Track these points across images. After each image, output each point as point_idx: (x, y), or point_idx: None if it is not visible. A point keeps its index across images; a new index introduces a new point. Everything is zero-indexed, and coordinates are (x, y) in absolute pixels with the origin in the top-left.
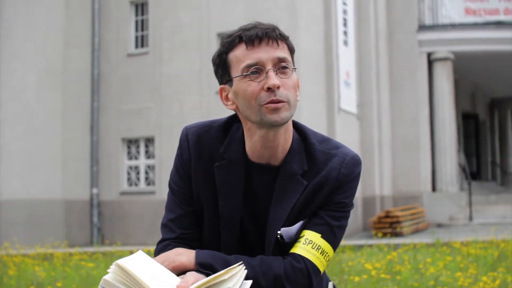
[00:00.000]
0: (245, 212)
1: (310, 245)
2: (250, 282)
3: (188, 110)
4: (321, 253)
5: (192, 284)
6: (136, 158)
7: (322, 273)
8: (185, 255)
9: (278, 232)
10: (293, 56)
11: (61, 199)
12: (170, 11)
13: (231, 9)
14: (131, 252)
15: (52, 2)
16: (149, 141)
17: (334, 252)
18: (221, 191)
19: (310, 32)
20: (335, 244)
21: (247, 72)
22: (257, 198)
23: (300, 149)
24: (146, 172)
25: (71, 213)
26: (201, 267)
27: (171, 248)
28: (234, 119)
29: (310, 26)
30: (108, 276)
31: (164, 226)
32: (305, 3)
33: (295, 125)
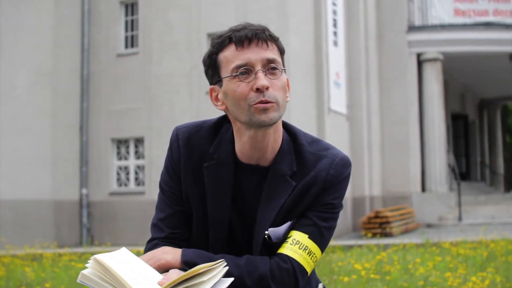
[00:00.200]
0: (234, 213)
1: (297, 246)
2: (231, 280)
3: (178, 111)
4: (308, 254)
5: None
6: (126, 159)
7: (312, 274)
8: (171, 254)
9: (266, 233)
10: (283, 57)
11: (51, 200)
12: (160, 11)
13: (222, 10)
14: None
15: (42, 2)
16: (139, 142)
17: (322, 253)
18: (210, 191)
19: (300, 33)
20: (323, 245)
21: (237, 73)
22: (246, 199)
23: (290, 150)
24: (136, 173)
25: (61, 214)
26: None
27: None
28: (225, 120)
29: (300, 27)
30: (86, 271)
31: (154, 226)
32: (295, 4)
33: (285, 126)
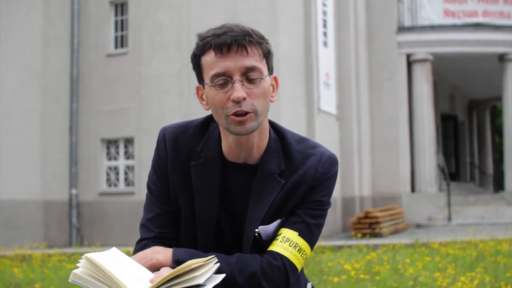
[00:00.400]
0: (222, 211)
1: (288, 243)
2: (222, 276)
3: (168, 111)
4: (298, 251)
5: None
6: (116, 159)
7: (301, 274)
8: (162, 253)
9: (256, 231)
10: (270, 59)
11: (40, 200)
12: (150, 11)
13: (211, 10)
14: None
15: (31, 2)
16: (129, 142)
17: (312, 250)
18: (197, 190)
19: (290, 33)
20: (313, 242)
21: (214, 82)
22: (234, 197)
23: (278, 149)
24: (126, 173)
25: (50, 214)
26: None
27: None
28: (212, 119)
29: (290, 27)
30: (78, 270)
31: (143, 226)
32: (285, 4)
33: (273, 126)
